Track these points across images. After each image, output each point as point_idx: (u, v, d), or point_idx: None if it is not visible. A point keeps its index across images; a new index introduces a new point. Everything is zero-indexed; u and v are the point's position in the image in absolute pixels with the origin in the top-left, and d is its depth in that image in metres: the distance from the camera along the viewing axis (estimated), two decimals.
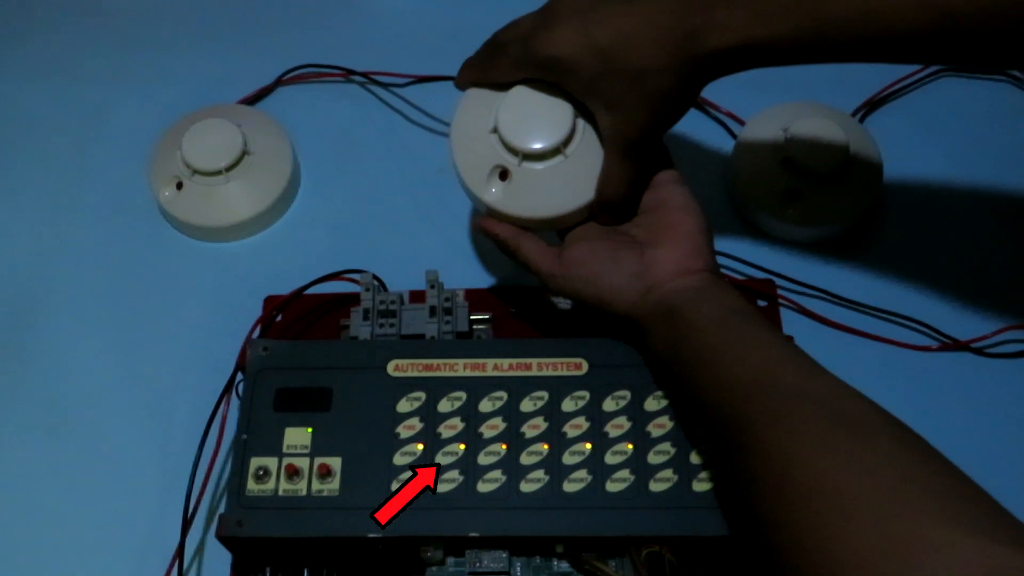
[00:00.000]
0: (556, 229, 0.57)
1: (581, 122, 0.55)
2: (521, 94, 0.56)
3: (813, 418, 0.42)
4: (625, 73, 0.50)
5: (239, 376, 0.56)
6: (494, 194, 0.56)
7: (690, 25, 0.49)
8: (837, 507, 0.38)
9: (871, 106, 0.71)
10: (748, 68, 0.51)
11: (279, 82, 0.74)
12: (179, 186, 0.68)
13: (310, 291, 0.60)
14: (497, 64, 0.56)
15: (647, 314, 0.52)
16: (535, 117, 0.55)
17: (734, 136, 0.70)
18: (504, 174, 0.56)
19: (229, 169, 0.67)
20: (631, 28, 0.50)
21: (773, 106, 0.69)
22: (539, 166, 0.55)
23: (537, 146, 0.55)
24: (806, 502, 0.39)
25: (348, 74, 0.74)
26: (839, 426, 0.42)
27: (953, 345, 0.61)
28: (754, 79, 0.70)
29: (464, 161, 0.57)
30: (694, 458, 0.51)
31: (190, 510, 0.54)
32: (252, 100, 0.74)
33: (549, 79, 0.54)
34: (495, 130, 0.56)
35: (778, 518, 0.41)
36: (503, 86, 0.56)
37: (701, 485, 0.50)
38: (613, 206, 0.56)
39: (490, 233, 0.57)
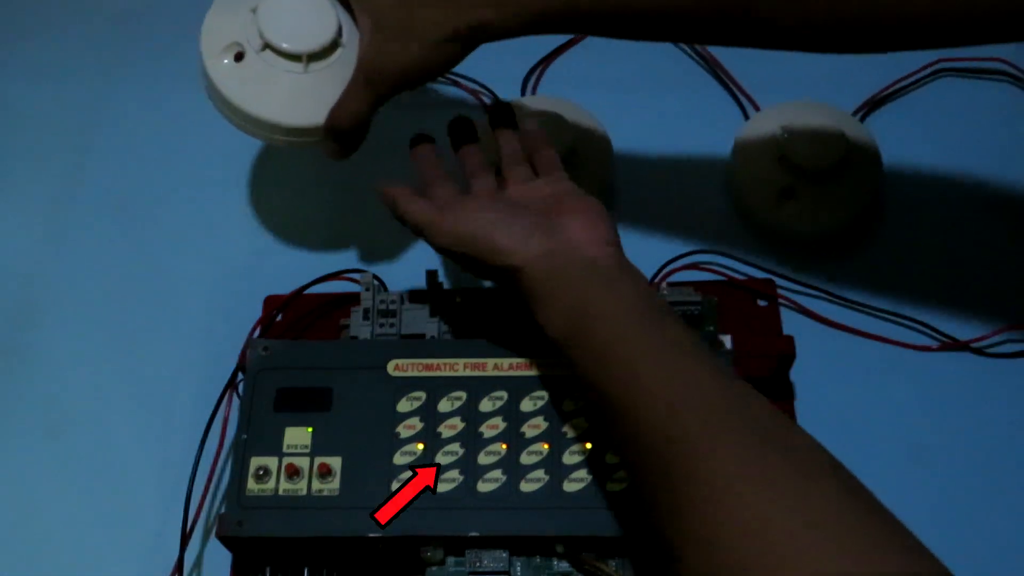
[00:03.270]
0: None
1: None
2: None
3: (758, 451, 0.38)
4: (409, 3, 0.51)
5: (239, 376, 0.56)
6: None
7: None
8: (773, 553, 0.35)
9: (871, 105, 0.70)
10: (530, 33, 0.51)
11: None
12: (238, 57, 0.55)
13: (310, 291, 0.60)
14: None
15: (547, 278, 0.47)
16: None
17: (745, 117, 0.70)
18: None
19: (312, 58, 0.55)
20: None
21: (773, 105, 0.68)
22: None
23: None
24: (740, 541, 0.36)
25: None
26: (787, 464, 0.38)
27: (953, 345, 0.61)
28: (754, 78, 0.71)
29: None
30: None
31: (191, 510, 0.54)
32: None
33: None
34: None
35: (704, 547, 0.37)
36: None
37: None
38: (339, 133, 0.55)
39: (381, 195, 0.54)
